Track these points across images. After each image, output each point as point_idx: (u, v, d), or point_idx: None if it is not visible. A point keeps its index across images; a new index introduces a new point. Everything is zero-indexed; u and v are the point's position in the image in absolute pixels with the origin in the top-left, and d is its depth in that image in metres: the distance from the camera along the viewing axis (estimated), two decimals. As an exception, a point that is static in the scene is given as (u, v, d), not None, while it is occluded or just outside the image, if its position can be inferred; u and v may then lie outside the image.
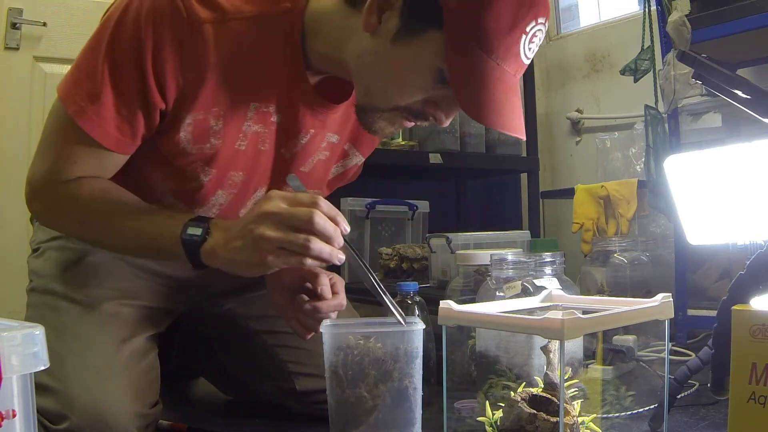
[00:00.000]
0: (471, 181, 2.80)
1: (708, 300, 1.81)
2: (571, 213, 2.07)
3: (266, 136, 1.02)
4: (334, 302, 1.05)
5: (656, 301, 0.87)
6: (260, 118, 1.00)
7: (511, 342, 1.08)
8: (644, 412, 1.11)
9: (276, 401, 1.23)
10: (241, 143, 1.00)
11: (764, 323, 0.75)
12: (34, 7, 2.03)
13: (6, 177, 2.00)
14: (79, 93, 0.90)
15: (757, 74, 1.87)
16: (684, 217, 1.03)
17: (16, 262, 1.48)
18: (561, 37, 2.88)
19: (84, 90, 0.90)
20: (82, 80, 0.90)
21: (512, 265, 1.18)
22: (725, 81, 1.04)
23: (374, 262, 2.12)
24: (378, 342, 0.92)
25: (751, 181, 0.93)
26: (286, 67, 0.97)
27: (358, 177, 1.30)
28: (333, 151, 1.14)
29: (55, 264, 1.10)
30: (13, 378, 0.57)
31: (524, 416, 0.82)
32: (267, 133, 1.02)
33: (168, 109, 0.93)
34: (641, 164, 2.13)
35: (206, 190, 1.04)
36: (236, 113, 0.97)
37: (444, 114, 0.94)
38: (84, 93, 0.90)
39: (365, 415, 0.91)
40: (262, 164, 1.06)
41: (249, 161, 1.04)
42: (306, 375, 1.19)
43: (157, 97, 0.90)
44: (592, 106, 2.68)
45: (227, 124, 0.97)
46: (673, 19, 1.67)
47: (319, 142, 1.08)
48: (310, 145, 1.07)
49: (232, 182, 1.05)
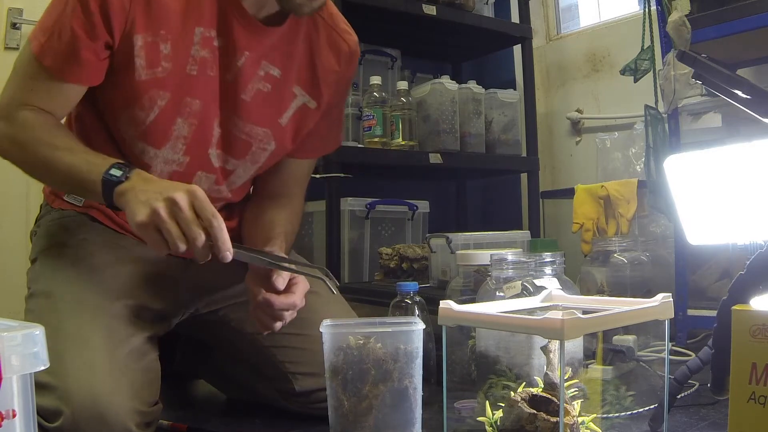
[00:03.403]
0: (471, 181, 2.80)
1: (708, 300, 1.81)
2: (571, 213, 2.07)
3: (212, 61, 1.10)
4: (287, 299, 1.06)
5: (656, 301, 0.87)
6: (205, 43, 1.09)
7: (511, 342, 1.08)
8: (644, 412, 1.11)
9: (276, 402, 1.23)
10: (192, 68, 1.08)
11: (764, 323, 0.75)
12: (34, 7, 2.03)
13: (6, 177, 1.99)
14: (37, 29, 1.03)
15: (757, 74, 1.87)
16: (684, 217, 1.03)
17: (17, 262, 1.48)
18: (561, 37, 2.88)
19: (40, 26, 1.03)
20: (42, 19, 1.03)
21: (512, 265, 1.18)
22: (725, 81, 1.04)
23: (374, 262, 2.13)
24: (378, 342, 0.92)
25: (751, 181, 0.93)
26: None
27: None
28: (277, 87, 1.18)
29: (52, 268, 1.11)
30: (13, 378, 0.57)
31: (524, 416, 0.82)
32: (212, 59, 1.10)
33: (115, 41, 1.03)
34: (641, 164, 2.13)
35: (165, 118, 1.09)
36: (183, 37, 1.07)
37: None
38: (39, 29, 1.03)
39: (365, 415, 0.91)
40: (212, 92, 1.12)
41: (202, 88, 1.11)
42: (304, 374, 1.19)
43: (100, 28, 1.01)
44: (592, 106, 2.68)
45: (175, 47, 1.06)
46: (673, 19, 1.67)
47: (256, 67, 1.14)
48: (246, 69, 1.13)
49: (190, 110, 1.11)
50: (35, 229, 1.22)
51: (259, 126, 1.17)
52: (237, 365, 1.29)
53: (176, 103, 1.09)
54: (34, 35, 1.03)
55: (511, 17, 2.67)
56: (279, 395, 1.22)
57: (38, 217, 1.24)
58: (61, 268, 1.10)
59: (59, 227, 1.16)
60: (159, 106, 1.08)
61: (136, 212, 0.92)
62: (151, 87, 1.06)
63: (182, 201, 0.91)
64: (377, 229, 2.25)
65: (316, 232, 2.12)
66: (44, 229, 1.18)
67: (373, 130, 2.12)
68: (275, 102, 1.19)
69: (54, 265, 1.11)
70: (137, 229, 0.93)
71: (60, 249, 1.12)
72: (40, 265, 1.13)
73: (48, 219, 1.19)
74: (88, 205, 1.16)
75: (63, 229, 1.15)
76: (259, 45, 1.13)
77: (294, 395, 1.20)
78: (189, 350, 1.47)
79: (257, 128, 1.17)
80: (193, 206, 0.92)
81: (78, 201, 1.17)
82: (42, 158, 1.02)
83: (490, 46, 2.62)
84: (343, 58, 1.24)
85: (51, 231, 1.16)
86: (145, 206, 0.92)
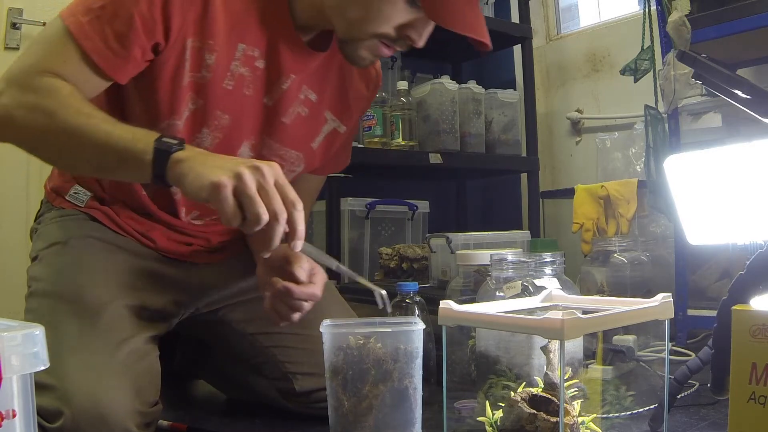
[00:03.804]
0: (471, 181, 2.80)
1: (708, 300, 1.81)
2: (571, 213, 2.07)
3: (251, 81, 1.08)
4: (307, 289, 1.06)
5: (656, 301, 0.87)
6: (246, 61, 1.06)
7: (511, 342, 1.08)
8: (644, 412, 1.11)
9: (276, 402, 1.23)
10: (229, 83, 1.05)
11: (764, 323, 0.75)
12: (34, 7, 2.03)
13: (6, 176, 1.99)
14: (77, 6, 0.94)
15: (757, 74, 1.87)
16: (684, 217, 1.03)
17: (17, 262, 1.48)
18: (561, 37, 2.88)
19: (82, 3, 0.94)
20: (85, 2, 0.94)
21: (512, 265, 1.18)
22: (725, 81, 1.04)
23: (374, 262, 2.12)
24: (378, 342, 0.92)
25: (751, 181, 0.93)
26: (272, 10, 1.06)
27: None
28: (312, 111, 1.17)
29: (52, 268, 1.10)
30: (13, 378, 0.57)
31: (524, 416, 0.82)
32: (252, 78, 1.08)
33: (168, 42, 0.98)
34: (641, 164, 2.13)
35: (192, 124, 1.05)
36: (227, 51, 1.03)
37: (417, 34, 1.03)
38: (80, 6, 0.94)
39: (365, 415, 0.91)
40: (246, 111, 1.09)
41: (235, 105, 1.07)
42: (304, 374, 1.19)
43: (159, 26, 0.95)
44: (592, 106, 2.68)
45: (218, 59, 1.03)
46: (673, 19, 1.67)
47: (298, 91, 1.13)
48: (290, 93, 1.12)
49: (218, 124, 1.07)
50: (35, 227, 1.21)
51: (293, 149, 1.17)
52: (237, 365, 1.29)
53: (206, 113, 1.06)
54: (72, 12, 0.94)
55: (511, 17, 2.68)
56: (279, 395, 1.22)
57: (38, 213, 1.24)
58: (61, 267, 1.10)
59: (60, 226, 1.16)
60: (189, 109, 1.05)
61: (210, 176, 0.83)
62: (187, 91, 1.03)
63: (268, 174, 0.85)
64: (377, 229, 2.25)
65: (316, 232, 2.12)
66: (44, 228, 1.18)
67: (373, 130, 2.12)
68: (311, 126, 1.19)
69: (54, 264, 1.11)
70: (210, 193, 0.83)
71: (60, 248, 1.12)
72: (40, 264, 1.13)
73: (48, 217, 1.18)
74: (89, 205, 1.16)
75: (63, 228, 1.15)
76: (305, 68, 1.12)
77: (294, 395, 1.20)
78: (189, 350, 1.47)
79: (291, 151, 1.17)
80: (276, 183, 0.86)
81: (80, 201, 1.17)
82: (74, 126, 0.90)
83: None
84: (371, 83, 1.27)
85: (51, 230, 1.16)
86: (223, 171, 0.83)
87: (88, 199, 1.16)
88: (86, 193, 1.17)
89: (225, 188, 0.82)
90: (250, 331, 1.21)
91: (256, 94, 1.09)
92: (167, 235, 1.18)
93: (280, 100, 1.12)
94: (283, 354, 1.20)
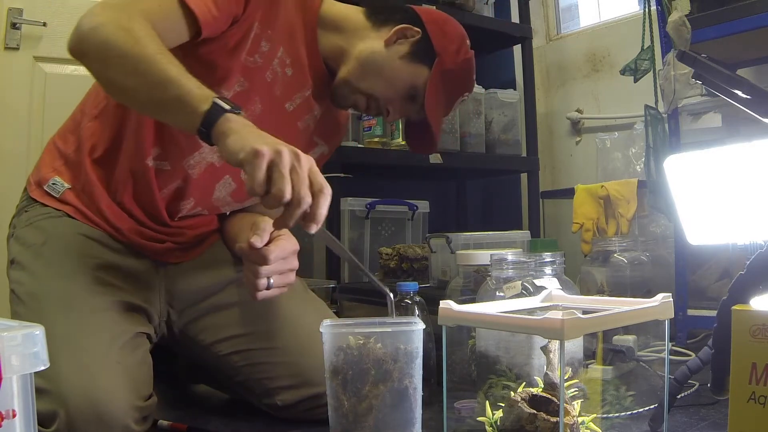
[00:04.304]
0: (471, 181, 2.80)
1: (708, 300, 1.81)
2: (571, 213, 2.07)
3: (282, 83, 1.19)
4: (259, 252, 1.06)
5: (656, 301, 0.87)
6: (281, 64, 1.17)
7: (511, 342, 1.07)
8: (644, 412, 1.10)
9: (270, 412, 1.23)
10: (269, 75, 1.16)
11: (764, 323, 0.75)
12: (34, 7, 2.03)
13: (6, 176, 2.00)
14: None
15: (757, 74, 1.87)
16: (684, 217, 1.03)
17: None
18: (561, 37, 2.88)
19: None
20: None
21: (512, 265, 1.18)
22: (725, 81, 1.04)
23: (374, 262, 2.12)
24: (378, 342, 0.92)
25: (751, 181, 0.93)
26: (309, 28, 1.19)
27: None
28: (306, 131, 1.28)
29: (32, 271, 1.10)
30: (13, 378, 0.57)
31: (524, 416, 0.82)
32: (283, 81, 1.18)
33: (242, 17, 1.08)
34: (641, 164, 2.14)
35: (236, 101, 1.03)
36: (274, 46, 1.15)
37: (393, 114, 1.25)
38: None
39: (365, 415, 0.91)
40: (274, 109, 1.19)
41: (269, 98, 1.17)
42: (283, 388, 1.17)
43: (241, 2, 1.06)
44: (592, 106, 2.68)
45: (269, 51, 1.14)
46: (673, 19, 1.67)
47: (311, 107, 1.25)
48: (304, 104, 1.23)
49: (253, 110, 1.15)
50: (12, 231, 1.20)
51: None
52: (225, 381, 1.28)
53: (248, 98, 1.14)
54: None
55: (511, 17, 2.68)
56: (269, 410, 1.20)
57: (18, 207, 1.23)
58: (41, 268, 1.10)
59: (35, 228, 1.15)
60: (235, 90, 1.12)
61: (252, 143, 0.86)
62: (241, 71, 1.11)
63: (304, 160, 0.89)
64: (377, 229, 2.25)
65: (316, 232, 2.12)
66: (20, 231, 1.17)
67: (373, 130, 2.12)
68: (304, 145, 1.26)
69: (34, 266, 1.10)
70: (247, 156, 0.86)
71: (38, 249, 1.12)
72: (21, 268, 1.12)
73: (23, 220, 1.18)
74: (63, 199, 1.16)
75: (39, 229, 1.14)
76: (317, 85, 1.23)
77: (279, 409, 1.18)
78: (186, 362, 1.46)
79: None
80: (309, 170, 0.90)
81: (56, 192, 1.17)
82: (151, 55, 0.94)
83: (490, 46, 2.62)
84: (344, 117, 1.39)
85: (26, 233, 1.15)
86: (266, 144, 0.87)
87: (64, 190, 1.16)
88: (63, 185, 1.17)
89: (263, 157, 0.85)
90: (223, 352, 1.20)
91: (282, 97, 1.20)
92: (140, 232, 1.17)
93: (298, 108, 1.22)
94: (259, 371, 1.19)
